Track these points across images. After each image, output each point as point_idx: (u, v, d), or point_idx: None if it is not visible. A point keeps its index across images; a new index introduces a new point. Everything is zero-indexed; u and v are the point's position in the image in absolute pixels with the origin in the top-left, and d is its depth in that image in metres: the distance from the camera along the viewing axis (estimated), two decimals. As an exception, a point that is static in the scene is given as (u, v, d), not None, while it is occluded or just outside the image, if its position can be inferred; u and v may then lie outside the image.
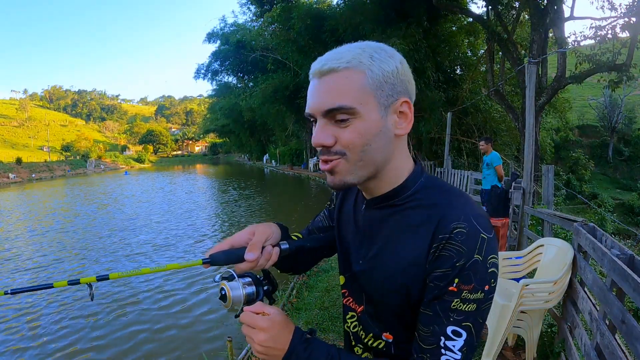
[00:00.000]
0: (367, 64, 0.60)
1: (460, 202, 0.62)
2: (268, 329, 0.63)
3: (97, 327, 4.51)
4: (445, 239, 0.58)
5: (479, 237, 0.58)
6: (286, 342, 0.63)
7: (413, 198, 0.65)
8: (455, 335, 0.59)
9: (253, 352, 0.66)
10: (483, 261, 0.58)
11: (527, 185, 4.43)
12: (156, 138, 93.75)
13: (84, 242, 8.69)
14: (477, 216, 0.59)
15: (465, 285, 0.58)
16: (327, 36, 14.05)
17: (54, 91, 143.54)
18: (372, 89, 0.59)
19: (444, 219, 0.59)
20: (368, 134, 0.60)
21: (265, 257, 0.69)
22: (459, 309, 0.58)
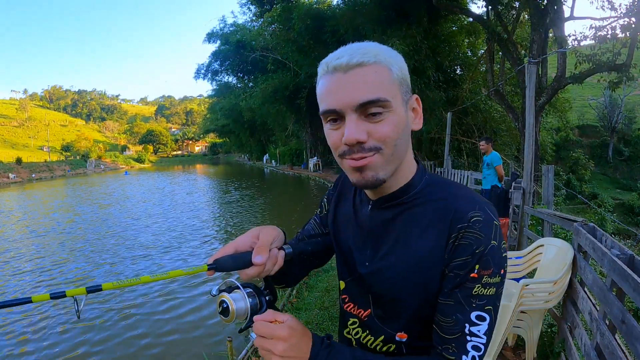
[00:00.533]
0: (391, 60, 0.60)
1: (467, 193, 0.65)
2: (288, 338, 0.58)
3: (98, 326, 4.51)
4: (463, 228, 0.60)
5: (493, 223, 0.61)
6: (307, 349, 0.60)
7: (420, 195, 0.66)
8: (479, 320, 0.61)
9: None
10: (498, 246, 0.61)
11: (527, 185, 4.43)
12: (156, 138, 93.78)
13: (86, 243, 8.67)
14: (487, 204, 0.63)
15: (485, 271, 0.60)
16: (328, 37, 14.06)
17: (54, 91, 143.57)
18: (398, 84, 0.60)
19: (459, 209, 0.62)
20: (399, 127, 0.60)
21: (272, 260, 0.66)
22: (480, 294, 0.60)
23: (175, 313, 4.86)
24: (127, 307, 5.08)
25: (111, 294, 5.49)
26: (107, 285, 0.57)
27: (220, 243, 8.41)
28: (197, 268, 0.63)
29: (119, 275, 6.32)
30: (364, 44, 0.61)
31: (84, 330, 4.46)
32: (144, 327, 4.50)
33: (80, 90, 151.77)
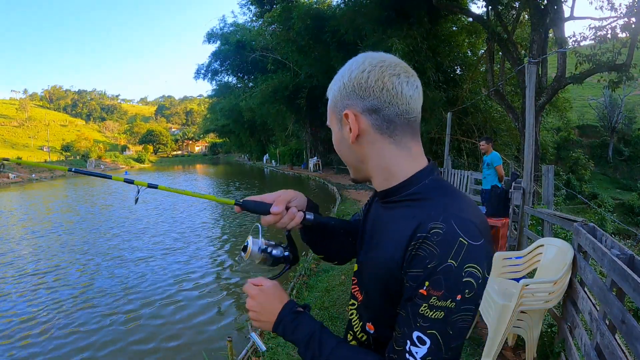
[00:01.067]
0: (330, 89, 0.72)
1: (451, 203, 0.61)
2: (256, 297, 0.73)
3: (98, 326, 4.51)
4: (422, 238, 0.58)
5: (457, 241, 0.56)
6: (275, 311, 0.71)
7: (412, 197, 0.66)
8: (419, 342, 0.58)
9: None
10: (457, 268, 0.56)
11: (527, 185, 4.43)
12: (156, 138, 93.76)
13: (89, 245, 8.66)
14: (462, 219, 0.58)
15: (434, 291, 0.56)
16: (329, 37, 14.04)
17: (54, 91, 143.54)
18: (331, 109, 0.72)
19: (426, 217, 0.59)
20: (335, 142, 0.73)
21: (289, 216, 0.77)
22: (425, 314, 0.57)
23: (175, 313, 4.86)
24: (128, 307, 5.08)
25: (112, 293, 5.52)
26: (161, 187, 0.83)
27: (221, 243, 8.41)
28: (227, 200, 0.81)
29: (121, 277, 6.32)
30: (335, 77, 0.72)
31: (83, 329, 4.46)
32: (144, 327, 4.50)
33: (80, 90, 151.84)
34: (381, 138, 0.67)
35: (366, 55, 0.68)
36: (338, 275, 4.96)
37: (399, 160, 0.68)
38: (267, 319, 0.72)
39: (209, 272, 6.38)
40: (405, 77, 0.66)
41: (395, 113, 0.65)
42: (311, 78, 18.81)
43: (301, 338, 0.69)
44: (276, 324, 0.71)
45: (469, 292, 0.57)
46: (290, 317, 0.70)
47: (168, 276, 6.21)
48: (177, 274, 6.29)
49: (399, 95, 0.65)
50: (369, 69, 0.65)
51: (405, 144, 0.68)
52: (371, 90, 0.65)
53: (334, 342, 0.67)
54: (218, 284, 5.90)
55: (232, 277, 6.16)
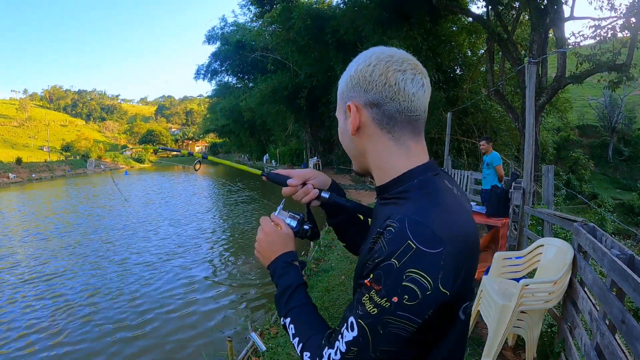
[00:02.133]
0: (340, 81, 0.74)
1: (420, 205, 0.59)
2: (268, 234, 0.80)
3: (98, 326, 4.51)
4: (379, 233, 0.58)
5: (405, 242, 0.54)
6: (276, 252, 0.79)
7: (399, 195, 0.65)
8: (350, 327, 0.59)
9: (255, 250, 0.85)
10: (398, 269, 0.54)
11: (527, 185, 4.43)
12: (156, 138, 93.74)
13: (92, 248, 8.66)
14: (417, 223, 0.56)
15: (375, 284, 0.56)
16: (329, 37, 14.04)
17: (54, 91, 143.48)
18: (339, 100, 0.74)
19: (392, 213, 0.60)
20: (339, 133, 0.76)
21: (303, 190, 0.83)
22: (364, 304, 0.57)
23: (175, 313, 4.86)
24: (128, 307, 5.08)
25: (113, 293, 5.51)
26: (211, 157, 1.06)
27: (220, 244, 8.41)
28: (255, 170, 0.93)
29: (121, 276, 6.33)
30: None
31: (83, 329, 4.46)
32: (144, 327, 4.51)
33: (80, 90, 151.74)
34: (380, 133, 0.67)
35: (376, 49, 0.68)
36: (338, 275, 4.96)
37: (393, 157, 0.67)
38: (267, 255, 0.80)
39: (208, 273, 6.38)
40: (411, 74, 0.65)
41: (396, 109, 0.65)
42: (311, 78, 18.80)
43: (281, 284, 0.76)
44: (271, 263, 0.79)
45: (408, 299, 0.54)
46: (282, 264, 0.77)
47: (168, 276, 6.21)
48: (177, 275, 6.30)
49: (401, 91, 0.64)
50: (374, 62, 0.65)
51: (403, 142, 0.67)
52: (374, 84, 0.65)
53: (302, 301, 0.74)
54: (218, 284, 5.90)
55: (231, 277, 6.16)
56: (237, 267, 6.63)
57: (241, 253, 7.42)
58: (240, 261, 6.91)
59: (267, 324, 3.74)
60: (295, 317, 0.72)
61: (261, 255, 0.81)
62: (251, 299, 5.22)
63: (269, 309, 4.56)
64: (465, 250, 0.59)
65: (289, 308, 0.73)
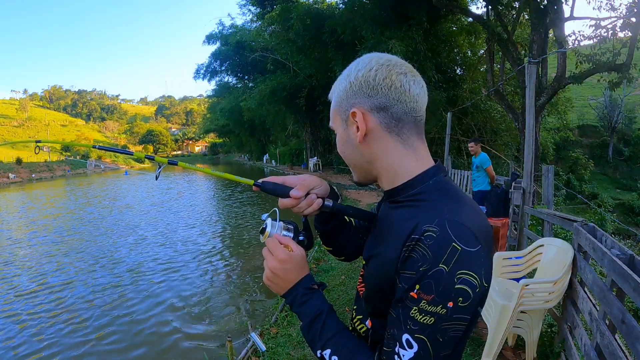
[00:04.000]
0: (334, 89, 0.73)
1: (449, 206, 0.60)
2: (283, 261, 0.70)
3: (98, 325, 4.51)
4: (415, 240, 0.57)
5: (450, 246, 0.55)
6: (293, 280, 0.71)
7: (414, 197, 0.65)
8: (407, 345, 0.57)
9: (264, 277, 0.74)
10: (449, 273, 0.54)
11: (527, 185, 4.43)
12: (156, 138, 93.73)
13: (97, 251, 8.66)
14: (457, 224, 0.57)
15: (424, 295, 0.55)
16: (327, 36, 14.04)
17: (54, 91, 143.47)
18: (335, 109, 0.72)
19: (423, 219, 0.59)
20: (339, 143, 0.73)
21: (307, 201, 0.74)
22: (415, 318, 0.56)
23: (175, 313, 4.86)
24: (127, 306, 5.08)
25: (115, 292, 5.52)
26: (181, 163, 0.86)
27: (220, 244, 8.41)
28: (246, 180, 0.79)
29: (120, 275, 6.33)
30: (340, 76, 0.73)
31: (83, 329, 4.46)
32: (144, 327, 4.51)
33: (80, 90, 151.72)
34: (389, 136, 0.67)
35: (372, 55, 0.68)
36: (338, 275, 4.96)
37: (405, 159, 0.68)
38: (283, 285, 0.71)
39: (208, 273, 6.38)
40: (411, 76, 0.66)
41: (403, 111, 0.66)
42: (311, 78, 18.80)
43: (307, 313, 0.69)
44: (289, 292, 0.71)
45: (462, 301, 0.55)
46: (303, 291, 0.70)
47: (167, 277, 6.21)
48: (176, 275, 6.29)
49: (406, 93, 0.65)
50: (376, 67, 0.66)
51: (411, 144, 0.68)
52: (379, 88, 0.65)
53: (337, 328, 0.68)
54: (217, 284, 5.90)
55: (231, 278, 6.16)
56: (237, 266, 6.63)
57: (241, 252, 7.42)
58: (240, 261, 6.91)
59: (267, 324, 3.74)
60: (335, 347, 0.66)
61: (274, 284, 0.72)
62: (251, 299, 5.22)
63: (269, 309, 4.56)
64: (490, 244, 0.63)
65: (325, 339, 0.67)
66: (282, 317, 3.76)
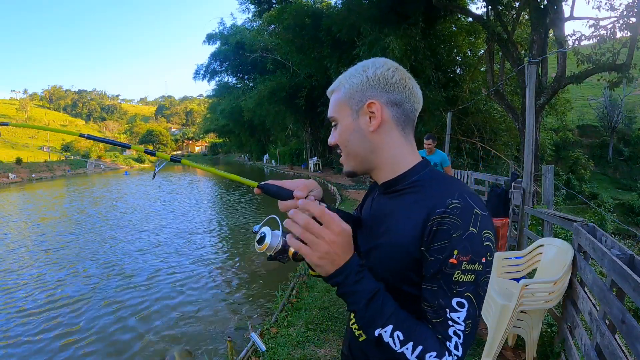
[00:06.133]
0: (344, 82, 0.77)
1: (456, 185, 0.70)
2: (340, 234, 0.66)
3: (97, 326, 4.51)
4: (441, 213, 0.64)
5: (473, 212, 0.65)
6: (347, 255, 0.67)
7: (414, 184, 0.73)
8: (459, 306, 0.64)
9: (306, 256, 0.66)
10: (478, 234, 0.64)
11: (527, 185, 4.43)
12: (156, 138, 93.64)
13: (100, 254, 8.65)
14: (470, 194, 0.67)
15: (463, 257, 0.63)
16: (324, 35, 14.03)
17: (54, 91, 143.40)
18: (345, 100, 0.76)
19: (440, 197, 0.67)
20: (344, 133, 0.77)
21: None
22: (460, 280, 0.63)
23: (175, 313, 4.86)
24: (127, 306, 5.08)
25: (117, 291, 5.50)
26: (185, 161, 0.85)
27: (220, 244, 8.41)
28: (250, 181, 0.78)
29: (120, 274, 6.33)
30: (345, 73, 0.79)
31: (83, 329, 4.46)
32: (144, 327, 4.51)
33: (80, 90, 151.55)
34: (397, 130, 0.76)
35: (384, 59, 0.77)
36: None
37: (406, 151, 0.76)
38: (338, 261, 0.66)
39: (208, 273, 6.38)
40: (414, 81, 0.77)
41: (410, 109, 0.76)
42: (311, 78, 18.80)
43: (364, 291, 0.66)
44: (342, 268, 0.66)
45: (489, 255, 0.65)
46: (357, 268, 0.67)
47: (167, 276, 6.21)
48: (177, 275, 6.29)
49: (415, 94, 0.76)
50: (392, 68, 0.75)
51: (410, 139, 0.77)
52: (396, 86, 0.74)
53: (394, 304, 0.68)
54: (217, 284, 5.90)
55: (231, 277, 6.16)
56: (237, 266, 6.63)
57: (241, 252, 7.42)
58: (240, 261, 6.90)
59: (267, 324, 3.74)
60: (397, 323, 0.65)
61: (329, 261, 0.66)
62: (251, 299, 5.22)
63: (269, 309, 4.56)
64: None
65: (387, 315, 0.66)
66: (282, 317, 3.76)
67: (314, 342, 3.19)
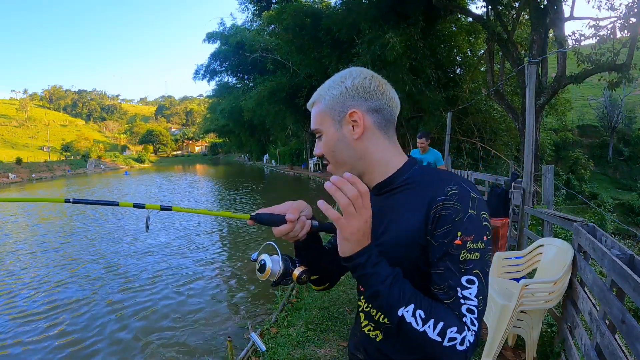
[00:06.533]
0: (324, 94, 0.80)
1: (449, 174, 0.74)
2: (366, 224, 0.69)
3: (97, 326, 4.51)
4: (442, 200, 0.69)
5: (470, 196, 0.69)
6: (367, 242, 0.70)
7: (408, 181, 0.77)
8: (469, 283, 0.67)
9: (342, 228, 0.69)
10: (477, 215, 0.68)
11: (527, 185, 4.43)
12: (156, 138, 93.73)
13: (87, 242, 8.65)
14: (464, 181, 0.72)
15: (467, 237, 0.67)
16: (323, 34, 14.04)
17: (54, 91, 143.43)
18: (327, 111, 0.79)
19: (438, 187, 0.71)
20: (329, 143, 0.80)
21: (300, 224, 0.79)
22: (467, 259, 0.67)
23: (174, 313, 4.86)
24: (127, 306, 5.08)
25: (118, 292, 5.51)
26: (176, 208, 0.79)
27: (219, 244, 8.41)
28: (242, 215, 0.80)
29: (121, 274, 6.33)
30: (325, 84, 0.81)
31: (82, 330, 4.46)
32: (144, 327, 4.50)
33: (80, 90, 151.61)
34: (380, 134, 0.79)
35: (359, 68, 0.81)
36: (338, 275, 4.95)
37: (392, 153, 0.80)
38: (364, 241, 0.69)
39: (207, 273, 6.38)
40: (390, 86, 0.81)
41: (390, 114, 0.80)
42: (311, 78, 18.81)
43: (385, 273, 0.69)
44: (366, 249, 0.69)
45: (489, 234, 0.70)
46: (376, 250, 0.71)
47: (168, 277, 6.21)
48: (176, 275, 6.29)
49: (392, 99, 0.80)
50: (369, 77, 0.79)
51: (394, 141, 0.81)
52: (374, 94, 0.78)
53: (411, 285, 0.70)
54: (217, 284, 5.90)
55: (230, 278, 6.16)
56: (237, 266, 6.63)
57: (240, 252, 7.42)
58: (240, 261, 6.90)
59: (267, 324, 3.74)
60: (418, 301, 0.68)
61: (359, 239, 0.69)
62: (251, 299, 5.22)
63: (269, 309, 4.56)
64: None
65: (408, 295, 0.68)
66: (282, 317, 3.76)
67: (314, 342, 3.19)
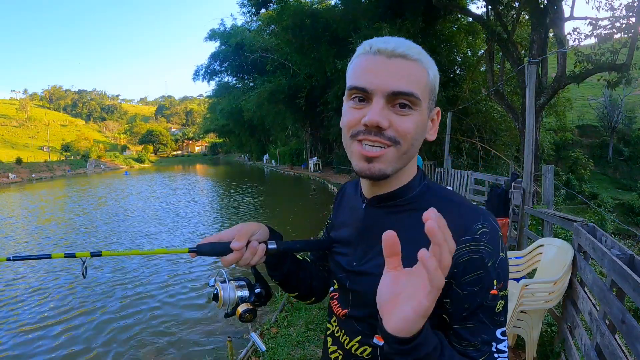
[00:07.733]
0: (429, 64, 0.62)
1: (473, 208, 0.61)
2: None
3: (97, 326, 4.51)
4: (471, 240, 0.56)
5: (498, 234, 0.59)
6: None
7: (416, 200, 0.64)
8: (503, 335, 0.59)
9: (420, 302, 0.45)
10: (505, 257, 0.59)
11: (527, 185, 4.43)
12: (156, 138, 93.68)
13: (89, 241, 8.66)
14: (488, 214, 0.61)
15: (500, 284, 0.58)
16: (322, 31, 14.05)
17: (54, 91, 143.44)
18: (429, 89, 0.61)
19: (464, 222, 0.57)
20: (420, 128, 0.60)
21: (250, 251, 0.69)
22: (499, 311, 0.58)
23: (174, 313, 4.86)
24: (126, 306, 5.08)
25: (119, 292, 5.51)
26: (106, 252, 0.71)
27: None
28: (179, 250, 0.72)
29: (121, 273, 6.33)
30: (408, 41, 0.62)
31: (82, 330, 4.46)
32: (144, 327, 4.50)
33: (80, 90, 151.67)
34: None
35: None
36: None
37: (414, 161, 0.67)
38: (426, 316, 0.48)
39: (208, 273, 6.38)
40: None
41: None
42: (310, 78, 18.81)
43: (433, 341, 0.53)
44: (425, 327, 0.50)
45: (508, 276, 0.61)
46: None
47: (167, 277, 6.21)
48: (176, 275, 6.29)
49: None
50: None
51: None
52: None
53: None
54: (213, 286, 5.89)
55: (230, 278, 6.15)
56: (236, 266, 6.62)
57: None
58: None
59: (267, 324, 3.74)
60: None
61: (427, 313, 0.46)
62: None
63: (269, 309, 4.56)
64: None
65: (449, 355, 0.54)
66: (282, 317, 3.76)
67: (314, 342, 3.20)
